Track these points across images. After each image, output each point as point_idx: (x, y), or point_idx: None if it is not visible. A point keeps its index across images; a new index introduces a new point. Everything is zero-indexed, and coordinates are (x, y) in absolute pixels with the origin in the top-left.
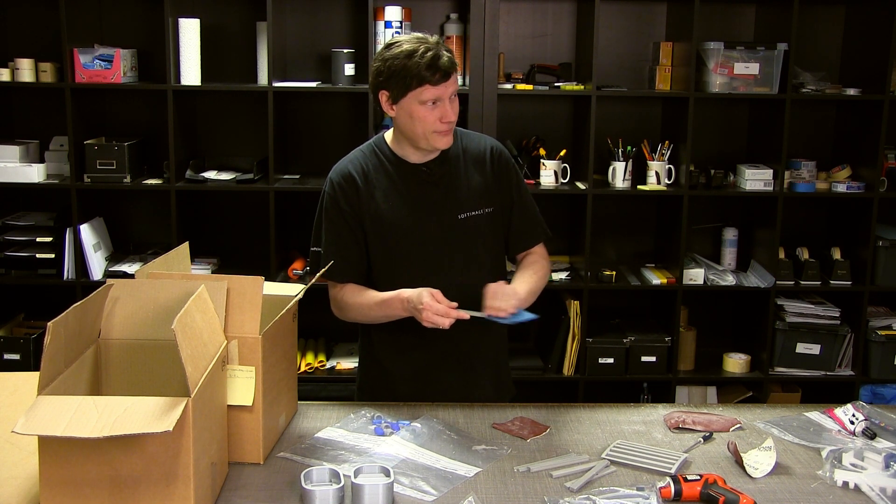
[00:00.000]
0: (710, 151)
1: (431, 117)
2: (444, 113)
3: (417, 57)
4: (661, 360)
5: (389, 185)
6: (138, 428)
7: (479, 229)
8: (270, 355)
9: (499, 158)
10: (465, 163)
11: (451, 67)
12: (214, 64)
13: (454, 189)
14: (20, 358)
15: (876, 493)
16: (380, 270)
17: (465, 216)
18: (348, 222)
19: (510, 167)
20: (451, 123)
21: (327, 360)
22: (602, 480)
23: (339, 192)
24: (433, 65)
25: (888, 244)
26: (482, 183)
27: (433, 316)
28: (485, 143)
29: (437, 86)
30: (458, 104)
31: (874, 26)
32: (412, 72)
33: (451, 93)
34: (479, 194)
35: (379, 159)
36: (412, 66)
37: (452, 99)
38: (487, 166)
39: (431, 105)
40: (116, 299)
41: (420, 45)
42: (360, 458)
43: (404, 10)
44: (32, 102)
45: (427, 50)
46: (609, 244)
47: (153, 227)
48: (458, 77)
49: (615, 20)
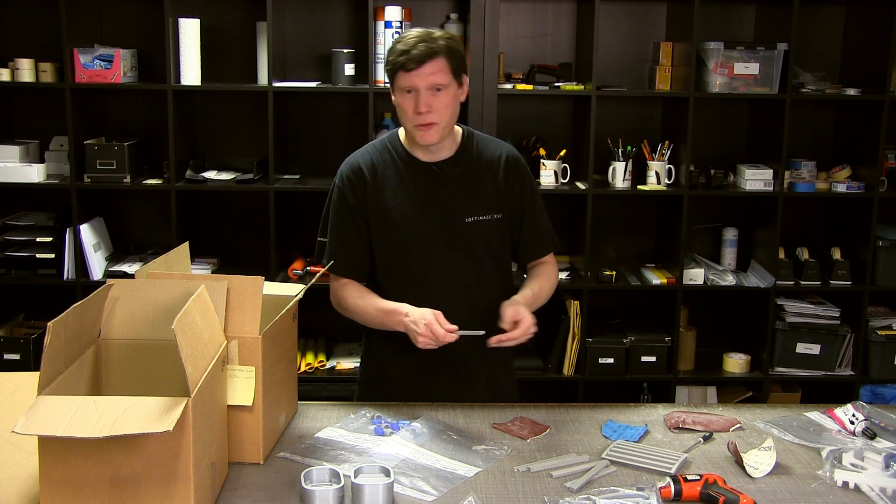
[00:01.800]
0: (710, 151)
1: (409, 107)
2: (417, 103)
3: (402, 43)
4: (661, 360)
5: (399, 182)
6: (138, 428)
7: (485, 235)
8: (270, 355)
9: (513, 166)
10: (478, 167)
11: (424, 56)
12: (214, 64)
13: (464, 192)
14: (20, 358)
15: (876, 493)
16: (382, 266)
17: (473, 220)
18: (353, 217)
19: (524, 176)
20: (423, 117)
21: (327, 360)
22: (602, 480)
23: (347, 185)
24: (406, 51)
25: (888, 244)
26: (493, 189)
27: (428, 342)
28: (501, 149)
29: (408, 72)
30: (444, 102)
31: (874, 26)
32: (392, 56)
33: (427, 83)
34: (489, 200)
35: (391, 155)
36: (394, 52)
37: (432, 92)
38: (500, 173)
39: (408, 93)
40: (116, 299)
41: (413, 34)
42: (360, 458)
43: (404, 10)
44: (32, 102)
45: (413, 38)
46: (609, 244)
47: (153, 227)
48: (447, 72)
49: (615, 20)
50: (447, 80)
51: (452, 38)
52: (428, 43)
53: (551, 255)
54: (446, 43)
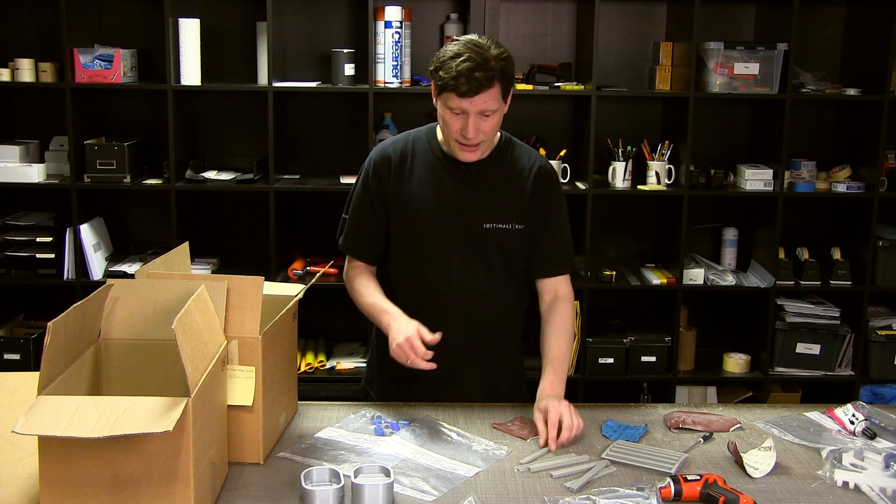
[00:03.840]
0: (710, 151)
1: (454, 126)
2: (465, 127)
3: (457, 62)
4: (661, 360)
5: (425, 174)
6: (138, 428)
7: (502, 243)
8: (270, 355)
9: (544, 178)
10: (509, 174)
11: (481, 85)
12: (214, 64)
13: (488, 197)
14: (20, 358)
15: (876, 493)
16: (394, 255)
17: (491, 227)
18: (372, 201)
19: (553, 190)
20: (470, 140)
21: (327, 360)
22: (602, 480)
23: (372, 169)
24: (462, 76)
25: (888, 244)
26: (519, 199)
27: (399, 355)
28: (534, 160)
29: (462, 98)
30: (491, 125)
31: (874, 26)
32: (445, 74)
33: (479, 109)
34: (512, 209)
35: (424, 147)
36: (447, 69)
37: (482, 116)
38: (529, 184)
39: (456, 114)
40: (116, 299)
41: (467, 51)
42: (360, 458)
43: (404, 10)
44: (32, 102)
45: (468, 59)
46: (609, 244)
47: (153, 227)
48: (498, 97)
49: (615, 20)
50: (497, 105)
51: (507, 59)
52: (485, 70)
53: (567, 284)
54: (500, 66)
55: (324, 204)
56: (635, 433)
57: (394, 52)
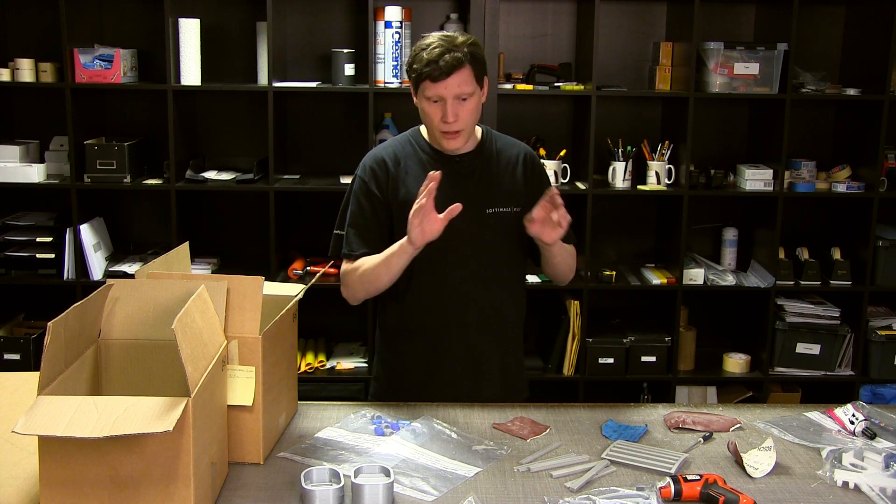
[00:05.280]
0: (710, 151)
1: (435, 116)
2: (444, 113)
3: (427, 51)
4: (661, 360)
5: (421, 172)
6: (138, 428)
7: (505, 227)
8: (270, 355)
9: (532, 164)
10: (498, 162)
11: (452, 66)
12: (214, 64)
13: (485, 184)
14: (20, 358)
15: (876, 493)
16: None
17: (494, 212)
18: (374, 205)
19: (543, 174)
20: (450, 125)
21: (327, 360)
22: (602, 480)
23: (369, 174)
24: (433, 61)
25: (888, 244)
26: (513, 184)
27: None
28: (519, 148)
29: (435, 83)
30: (469, 109)
31: (874, 26)
32: (418, 65)
33: (454, 94)
34: (509, 194)
35: (413, 148)
36: (419, 60)
37: (459, 101)
38: (519, 170)
39: (434, 102)
40: (116, 299)
41: (436, 41)
42: (360, 458)
43: (404, 10)
44: (32, 102)
45: (437, 46)
46: (609, 244)
47: (153, 227)
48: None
49: (615, 20)
50: (472, 88)
51: (474, 43)
52: (453, 52)
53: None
54: (470, 50)
55: (324, 204)
56: (635, 433)
57: (394, 52)
